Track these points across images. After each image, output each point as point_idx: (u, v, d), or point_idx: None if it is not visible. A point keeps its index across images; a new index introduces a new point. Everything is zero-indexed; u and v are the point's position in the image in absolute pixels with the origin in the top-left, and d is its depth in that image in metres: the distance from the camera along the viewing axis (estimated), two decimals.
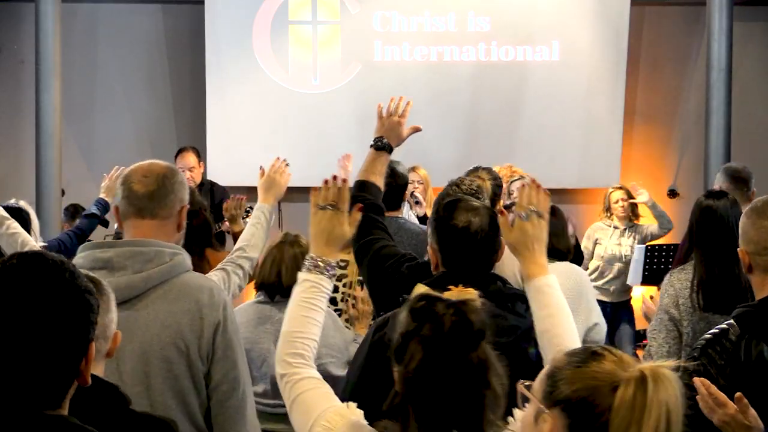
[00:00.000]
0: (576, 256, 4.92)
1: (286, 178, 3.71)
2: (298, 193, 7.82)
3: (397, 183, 5.01)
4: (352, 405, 2.06)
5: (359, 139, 8.64)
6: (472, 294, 1.95)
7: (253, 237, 3.47)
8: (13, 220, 4.26)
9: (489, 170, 4.48)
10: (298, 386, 2.14)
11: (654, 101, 9.15)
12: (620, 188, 7.54)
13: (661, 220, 7.36)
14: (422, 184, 6.14)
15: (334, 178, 2.42)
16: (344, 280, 4.31)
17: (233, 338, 2.65)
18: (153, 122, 9.11)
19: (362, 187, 3.29)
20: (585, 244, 7.28)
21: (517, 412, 2.03)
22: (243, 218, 7.02)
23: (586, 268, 7.06)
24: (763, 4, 9.15)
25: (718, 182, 5.38)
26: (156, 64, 9.10)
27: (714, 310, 3.76)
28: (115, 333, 2.16)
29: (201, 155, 7.51)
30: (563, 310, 2.42)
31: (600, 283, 7.18)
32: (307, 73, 8.79)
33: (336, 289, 4.29)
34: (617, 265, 7.27)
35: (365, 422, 2.00)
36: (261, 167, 3.73)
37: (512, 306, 2.63)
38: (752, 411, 2.37)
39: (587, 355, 1.66)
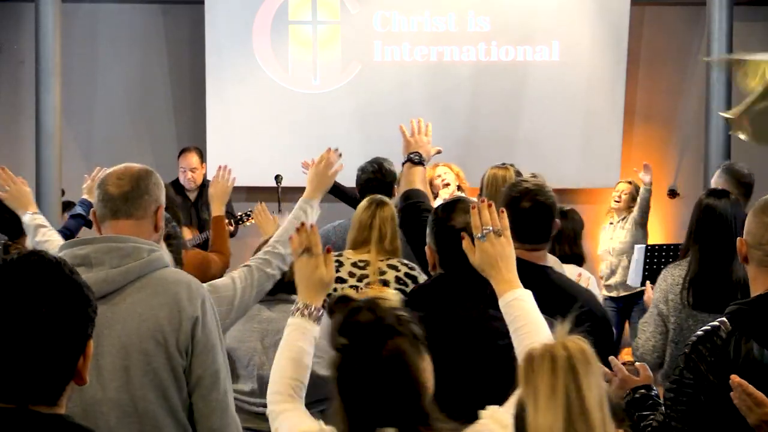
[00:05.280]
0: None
1: (335, 173, 3.54)
2: (299, 193, 7.81)
3: (384, 179, 5.14)
4: (320, 423, 2.17)
5: (359, 139, 8.67)
6: (386, 294, 2.08)
7: (285, 231, 3.30)
8: (49, 227, 4.26)
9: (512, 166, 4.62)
10: (277, 420, 2.34)
11: (654, 101, 9.15)
12: (628, 183, 7.63)
13: (641, 203, 7.37)
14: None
15: (302, 225, 2.55)
16: (365, 281, 4.31)
17: (213, 332, 2.65)
18: (153, 122, 9.11)
19: (412, 195, 3.50)
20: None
21: (482, 412, 2.05)
22: (240, 221, 7.05)
23: None
24: (763, 4, 9.15)
25: (719, 183, 5.24)
26: (156, 64, 9.10)
27: (702, 308, 3.78)
28: None
29: (203, 155, 7.52)
30: (536, 320, 2.40)
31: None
32: (307, 73, 8.79)
33: (357, 289, 4.30)
34: (609, 260, 7.31)
35: None
36: (312, 160, 3.58)
37: None
38: None
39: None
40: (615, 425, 1.68)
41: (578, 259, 4.85)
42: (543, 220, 3.14)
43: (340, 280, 4.28)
